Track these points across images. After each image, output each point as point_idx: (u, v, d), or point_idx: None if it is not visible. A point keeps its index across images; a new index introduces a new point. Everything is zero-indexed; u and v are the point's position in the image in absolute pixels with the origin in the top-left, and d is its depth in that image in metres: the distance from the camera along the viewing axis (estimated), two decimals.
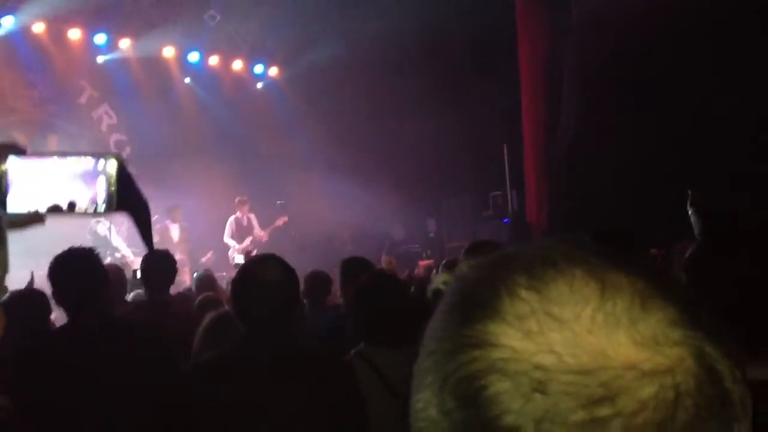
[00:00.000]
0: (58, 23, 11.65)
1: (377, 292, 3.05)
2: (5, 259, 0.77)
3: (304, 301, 4.88)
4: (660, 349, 0.55)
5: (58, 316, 5.58)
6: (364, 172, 12.50)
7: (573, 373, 0.54)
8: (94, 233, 10.57)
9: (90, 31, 12.08)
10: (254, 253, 10.74)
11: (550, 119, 12.06)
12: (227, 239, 11.80)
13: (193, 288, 5.90)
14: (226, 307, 3.80)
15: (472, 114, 12.07)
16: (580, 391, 0.54)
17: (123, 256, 10.24)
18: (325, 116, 13.11)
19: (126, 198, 1.24)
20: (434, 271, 8.14)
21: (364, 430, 2.41)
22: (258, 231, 11.93)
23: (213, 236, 11.81)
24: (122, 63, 12.52)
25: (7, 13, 11.04)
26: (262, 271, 2.39)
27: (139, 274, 4.99)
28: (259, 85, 14.40)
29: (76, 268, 3.04)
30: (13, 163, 1.16)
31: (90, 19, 11.91)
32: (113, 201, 1.22)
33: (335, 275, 5.03)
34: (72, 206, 1.18)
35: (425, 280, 7.52)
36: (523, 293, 0.58)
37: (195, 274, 6.24)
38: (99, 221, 10.68)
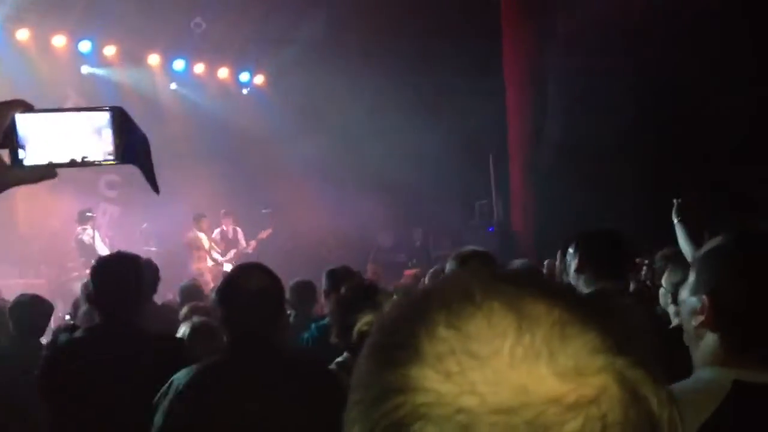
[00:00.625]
0: (43, 30, 11.59)
1: (357, 303, 3.05)
2: None
3: (290, 310, 4.88)
4: (583, 380, 0.54)
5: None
6: (351, 180, 12.51)
7: (497, 412, 0.53)
8: (80, 241, 10.52)
9: (75, 38, 12.02)
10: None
11: (535, 127, 12.12)
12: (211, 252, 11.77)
13: (178, 298, 5.86)
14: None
15: (458, 123, 12.11)
16: (506, 430, 0.52)
17: None
18: (312, 124, 13.10)
19: (131, 149, 1.26)
20: (421, 280, 8.15)
21: None
22: (243, 244, 11.90)
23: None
24: (107, 70, 12.47)
25: None
26: (247, 279, 2.38)
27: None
28: (245, 91, 14.38)
29: (116, 272, 3.08)
30: (21, 119, 1.16)
31: (75, 26, 11.86)
32: (121, 152, 1.25)
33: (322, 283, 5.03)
34: (83, 159, 1.22)
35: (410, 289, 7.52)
36: (442, 332, 0.56)
37: (181, 284, 6.20)
38: (85, 229, 10.64)
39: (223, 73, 13.86)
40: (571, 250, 3.15)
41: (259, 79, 14.31)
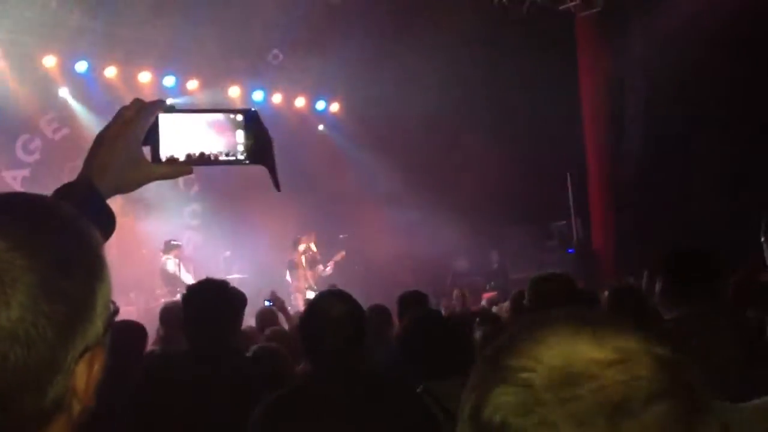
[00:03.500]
0: (129, 66, 12.12)
1: (423, 332, 3.08)
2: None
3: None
4: None
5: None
6: (426, 203, 12.53)
7: None
8: (164, 271, 10.86)
9: (159, 73, 12.53)
10: (315, 288, 10.88)
11: (614, 145, 11.91)
12: (288, 278, 11.96)
13: (254, 324, 5.97)
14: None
15: (534, 142, 12.02)
16: None
17: None
18: (386, 148, 13.23)
19: (262, 150, 1.36)
20: (500, 304, 8.09)
21: None
22: (320, 267, 12.07)
23: (276, 274, 11.96)
24: (188, 102, 12.91)
25: (81, 59, 11.53)
26: (329, 307, 2.43)
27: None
28: (321, 127, 14.69)
29: (209, 297, 3.18)
30: (163, 118, 1.27)
31: (159, 62, 12.36)
32: (251, 152, 1.33)
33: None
34: (218, 157, 1.30)
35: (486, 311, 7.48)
36: None
37: (258, 311, 6.31)
38: (168, 259, 10.98)
39: (300, 102, 14.18)
40: (660, 271, 3.07)
41: (334, 107, 14.58)
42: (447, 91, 12.22)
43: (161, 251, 11.21)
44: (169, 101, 1.33)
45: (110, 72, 11.97)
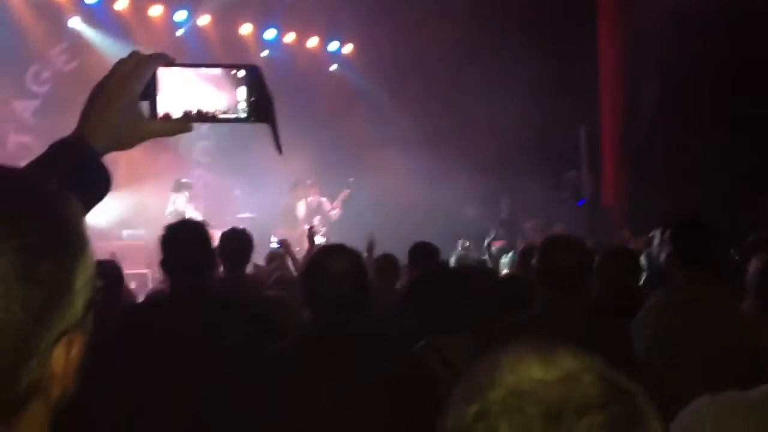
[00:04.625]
0: (141, 1, 11.96)
1: (429, 289, 3.06)
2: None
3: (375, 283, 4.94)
4: None
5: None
6: (439, 150, 12.44)
7: None
8: (173, 210, 10.86)
9: (171, 7, 12.36)
10: (323, 231, 10.90)
11: (629, 104, 11.73)
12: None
13: (265, 264, 6.00)
14: None
15: (549, 94, 11.84)
16: None
17: None
18: (399, 93, 13.07)
19: (263, 109, 1.31)
20: (509, 253, 8.09)
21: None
22: (327, 211, 12.05)
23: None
24: (201, 39, 12.75)
25: None
26: (330, 261, 2.41)
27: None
28: (334, 66, 14.46)
29: (188, 238, 3.13)
30: (162, 73, 1.22)
31: None
32: (253, 110, 1.28)
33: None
34: (218, 115, 1.27)
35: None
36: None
37: (269, 251, 6.34)
38: (177, 197, 10.97)
39: (313, 42, 13.96)
40: (662, 239, 3.09)
41: (347, 49, 14.36)
42: (465, 38, 12.00)
43: (171, 189, 11.20)
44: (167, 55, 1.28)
45: (121, 4, 11.80)
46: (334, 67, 14.48)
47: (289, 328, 3.25)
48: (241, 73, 1.30)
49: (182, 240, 3.12)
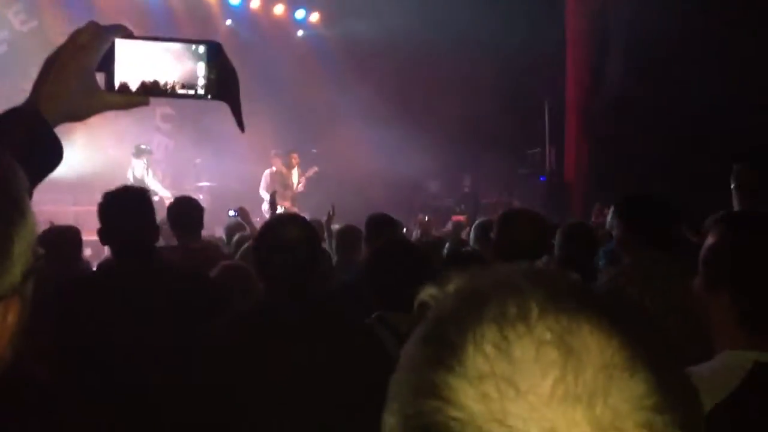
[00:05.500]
0: None
1: (388, 262, 3.04)
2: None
3: (334, 255, 4.91)
4: None
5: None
6: (402, 124, 12.41)
7: None
8: (132, 176, 10.71)
9: None
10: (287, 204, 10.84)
11: (595, 77, 11.79)
12: (262, 192, 11.87)
13: (224, 236, 5.92)
14: None
15: (513, 69, 11.85)
16: None
17: (160, 198, 10.35)
18: (365, 65, 12.98)
19: (224, 85, 1.27)
20: (467, 228, 8.11)
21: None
22: (292, 184, 11.99)
23: (249, 188, 11.87)
24: (165, 7, 12.49)
25: None
26: (282, 231, 2.38)
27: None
28: (300, 32, 14.27)
29: (128, 206, 3.00)
30: (119, 44, 1.19)
31: None
32: (212, 87, 1.25)
33: None
34: (176, 90, 1.23)
35: (455, 235, 7.51)
36: (488, 349, 0.55)
37: (227, 222, 6.26)
38: (138, 163, 10.81)
39: (279, 9, 13.76)
40: (615, 216, 3.08)
41: (314, 17, 14.18)
42: (430, 12, 11.92)
43: (131, 154, 11.03)
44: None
45: None
46: (300, 33, 14.29)
47: (248, 298, 3.22)
48: (201, 48, 1.27)
49: (122, 208, 2.99)
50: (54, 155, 1.15)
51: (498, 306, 0.57)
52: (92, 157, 12.22)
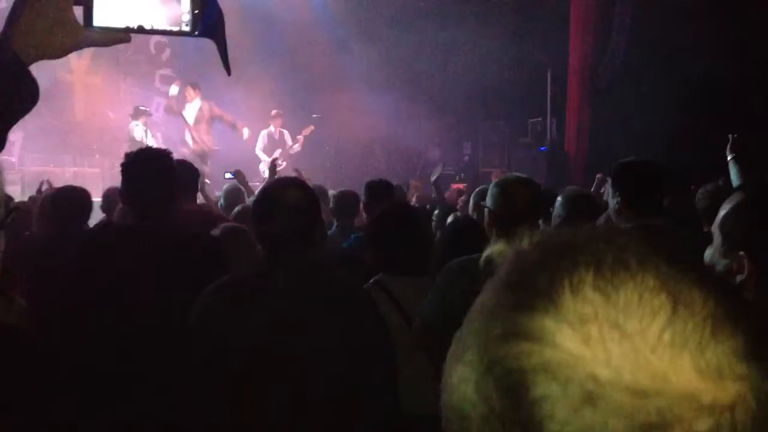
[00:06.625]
0: None
1: (393, 225, 3.03)
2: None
3: (333, 220, 4.89)
4: (722, 383, 0.51)
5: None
6: (404, 91, 12.32)
7: (629, 392, 0.51)
8: (131, 138, 10.67)
9: None
10: (283, 165, 10.77)
11: (599, 46, 11.67)
12: (258, 152, 11.82)
13: (222, 202, 5.89)
14: None
15: (516, 36, 11.73)
16: (634, 413, 0.51)
17: None
18: (368, 30, 12.84)
19: (209, 23, 1.23)
20: (463, 196, 8.08)
21: (388, 353, 2.39)
22: (289, 144, 11.92)
23: (246, 147, 11.81)
24: None
25: None
26: (282, 194, 2.36)
27: None
28: None
29: (151, 167, 3.00)
30: None
31: None
32: (197, 24, 1.20)
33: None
34: (158, 26, 1.19)
35: (453, 204, 7.48)
36: (589, 293, 0.54)
37: (224, 187, 6.22)
38: (136, 125, 10.76)
39: None
40: (612, 184, 3.05)
41: None
42: None
43: (129, 116, 10.97)
44: None
45: None
46: None
47: (244, 260, 3.21)
48: None
49: (141, 169, 2.99)
50: (28, 94, 1.08)
51: (593, 254, 0.56)
52: (90, 120, 12.16)
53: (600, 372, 0.51)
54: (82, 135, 11.93)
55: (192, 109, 11.24)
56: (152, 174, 2.98)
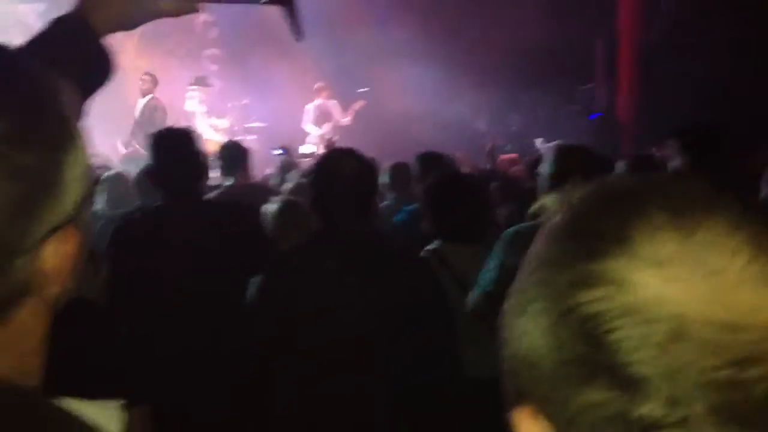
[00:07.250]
0: None
1: (449, 193, 3.04)
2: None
3: (388, 192, 4.93)
4: None
5: None
6: (448, 63, 12.20)
7: (717, 327, 0.50)
8: (188, 110, 10.79)
9: None
10: (335, 139, 10.81)
11: (648, 14, 11.36)
12: (307, 125, 11.82)
13: (278, 176, 5.99)
14: None
15: (565, 4, 11.50)
16: (725, 348, 0.50)
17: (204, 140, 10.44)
18: (409, 5, 12.73)
19: None
20: (518, 165, 8.02)
21: (448, 320, 2.41)
22: (338, 117, 11.89)
23: (293, 123, 11.86)
24: None
25: None
26: (339, 165, 2.37)
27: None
28: None
29: (177, 146, 3.06)
30: None
31: None
32: None
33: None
34: None
35: (507, 173, 7.44)
36: (666, 234, 0.53)
37: (278, 162, 6.32)
38: (192, 97, 10.87)
39: None
40: (676, 147, 3.02)
41: None
42: None
43: (189, 83, 11.09)
44: None
45: None
46: None
47: (299, 232, 3.25)
48: None
49: (170, 145, 3.06)
50: (103, 69, 1.09)
51: (662, 197, 0.56)
52: (134, 98, 12.33)
53: (686, 310, 0.51)
54: (128, 115, 12.12)
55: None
56: (176, 154, 3.03)
